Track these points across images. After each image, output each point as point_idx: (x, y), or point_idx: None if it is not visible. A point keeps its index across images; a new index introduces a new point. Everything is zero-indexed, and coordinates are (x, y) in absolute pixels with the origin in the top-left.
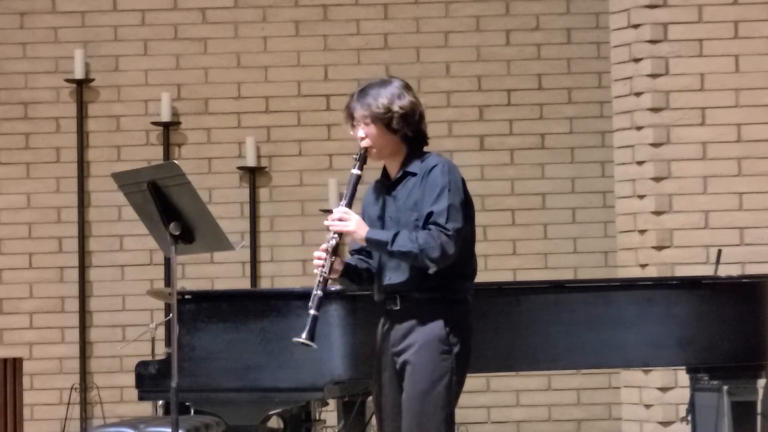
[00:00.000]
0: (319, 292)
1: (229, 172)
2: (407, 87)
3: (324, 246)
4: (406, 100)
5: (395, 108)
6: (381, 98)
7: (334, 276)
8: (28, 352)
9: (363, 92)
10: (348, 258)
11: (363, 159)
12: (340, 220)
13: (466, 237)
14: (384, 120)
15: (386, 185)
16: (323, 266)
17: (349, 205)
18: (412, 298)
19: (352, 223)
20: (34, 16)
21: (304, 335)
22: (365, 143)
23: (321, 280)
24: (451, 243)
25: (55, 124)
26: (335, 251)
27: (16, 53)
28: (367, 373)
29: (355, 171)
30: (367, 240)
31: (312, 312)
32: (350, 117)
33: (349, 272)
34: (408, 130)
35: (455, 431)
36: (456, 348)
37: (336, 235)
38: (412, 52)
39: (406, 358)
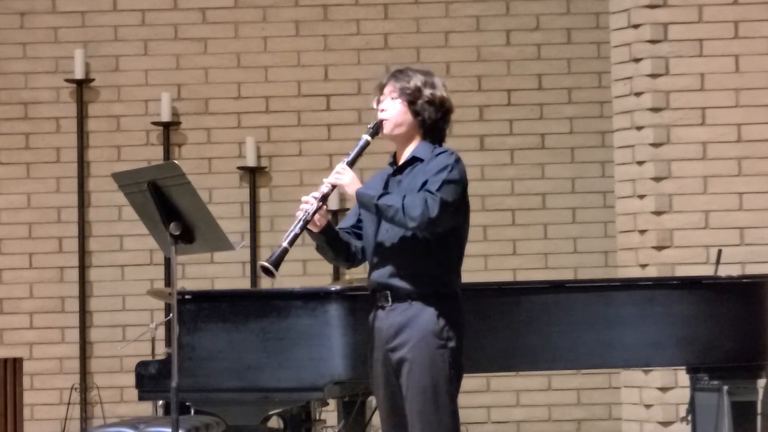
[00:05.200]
0: (297, 230)
1: (229, 172)
2: (444, 85)
3: (314, 194)
4: (438, 91)
5: (425, 92)
6: (415, 79)
7: (316, 226)
8: (28, 352)
9: (401, 71)
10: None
11: (376, 129)
12: (337, 174)
13: (460, 234)
14: (410, 98)
15: (393, 170)
16: (308, 209)
17: (351, 164)
18: (403, 294)
19: (346, 177)
20: (34, 16)
21: (270, 260)
22: (383, 115)
23: (302, 219)
24: (435, 206)
25: (55, 124)
26: (324, 200)
27: (16, 53)
28: (367, 372)
29: (366, 136)
30: (357, 195)
31: (284, 244)
32: (379, 90)
33: (330, 233)
34: (428, 117)
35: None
36: (451, 342)
37: (329, 186)
38: (412, 52)
39: (402, 355)
